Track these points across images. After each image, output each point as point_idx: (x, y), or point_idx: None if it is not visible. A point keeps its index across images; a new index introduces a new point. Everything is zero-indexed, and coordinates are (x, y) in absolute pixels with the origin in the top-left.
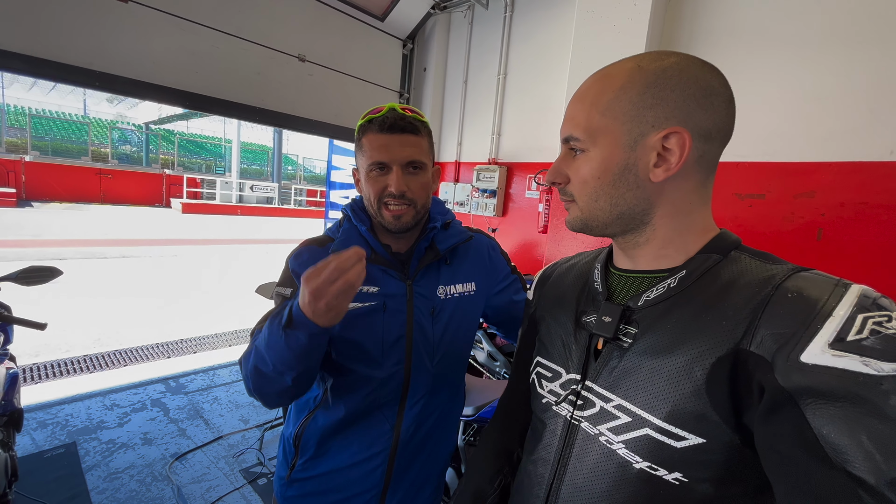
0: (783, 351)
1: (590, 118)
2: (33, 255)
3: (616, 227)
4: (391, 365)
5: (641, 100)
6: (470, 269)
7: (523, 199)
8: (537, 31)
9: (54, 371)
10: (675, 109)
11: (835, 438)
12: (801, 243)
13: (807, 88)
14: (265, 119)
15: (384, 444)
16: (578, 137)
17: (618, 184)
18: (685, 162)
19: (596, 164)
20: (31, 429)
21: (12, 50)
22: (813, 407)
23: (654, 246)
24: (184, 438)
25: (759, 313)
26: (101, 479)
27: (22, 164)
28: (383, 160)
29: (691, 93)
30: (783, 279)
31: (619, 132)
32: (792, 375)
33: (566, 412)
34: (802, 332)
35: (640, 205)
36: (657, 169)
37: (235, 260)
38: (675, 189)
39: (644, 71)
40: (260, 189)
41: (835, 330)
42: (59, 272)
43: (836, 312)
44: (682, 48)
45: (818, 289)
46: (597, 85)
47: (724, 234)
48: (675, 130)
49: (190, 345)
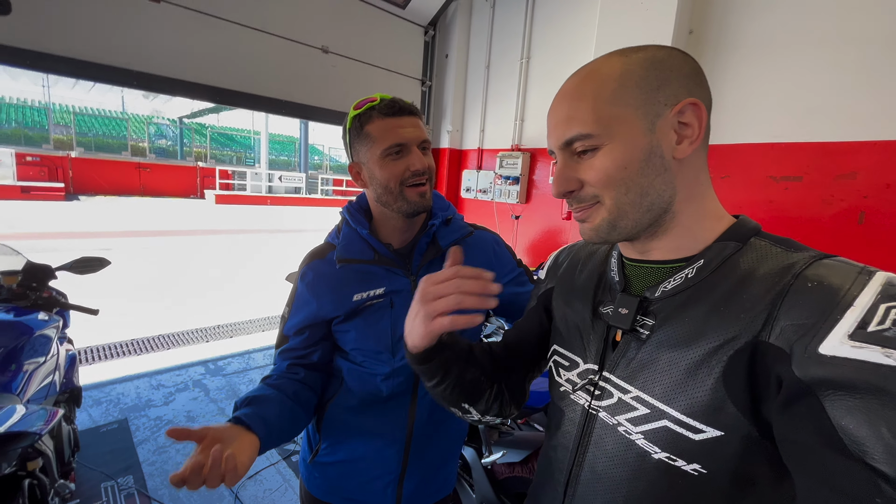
0: (801, 342)
1: (598, 111)
2: (83, 246)
3: (646, 220)
4: (400, 358)
5: (646, 83)
6: (474, 263)
7: (547, 186)
8: (561, 11)
9: (106, 353)
10: (680, 86)
11: (854, 430)
12: (841, 228)
13: (849, 62)
14: (291, 111)
15: (400, 432)
16: (590, 134)
17: (646, 171)
18: (703, 133)
19: (618, 154)
20: (88, 406)
21: (58, 54)
22: (832, 399)
23: (671, 236)
24: (223, 417)
25: (779, 303)
26: (150, 453)
27: (69, 160)
28: (401, 141)
29: (686, 72)
30: (804, 267)
31: (634, 118)
32: (810, 367)
33: (584, 401)
34: (822, 322)
35: (667, 190)
36: (680, 146)
37: (266, 248)
38: (689, 169)
39: (634, 59)
40: (288, 179)
41: (856, 320)
42: (107, 262)
43: (858, 302)
44: (715, 23)
45: (840, 277)
46: (588, 82)
47: (744, 220)
48: (691, 102)
49: (226, 330)
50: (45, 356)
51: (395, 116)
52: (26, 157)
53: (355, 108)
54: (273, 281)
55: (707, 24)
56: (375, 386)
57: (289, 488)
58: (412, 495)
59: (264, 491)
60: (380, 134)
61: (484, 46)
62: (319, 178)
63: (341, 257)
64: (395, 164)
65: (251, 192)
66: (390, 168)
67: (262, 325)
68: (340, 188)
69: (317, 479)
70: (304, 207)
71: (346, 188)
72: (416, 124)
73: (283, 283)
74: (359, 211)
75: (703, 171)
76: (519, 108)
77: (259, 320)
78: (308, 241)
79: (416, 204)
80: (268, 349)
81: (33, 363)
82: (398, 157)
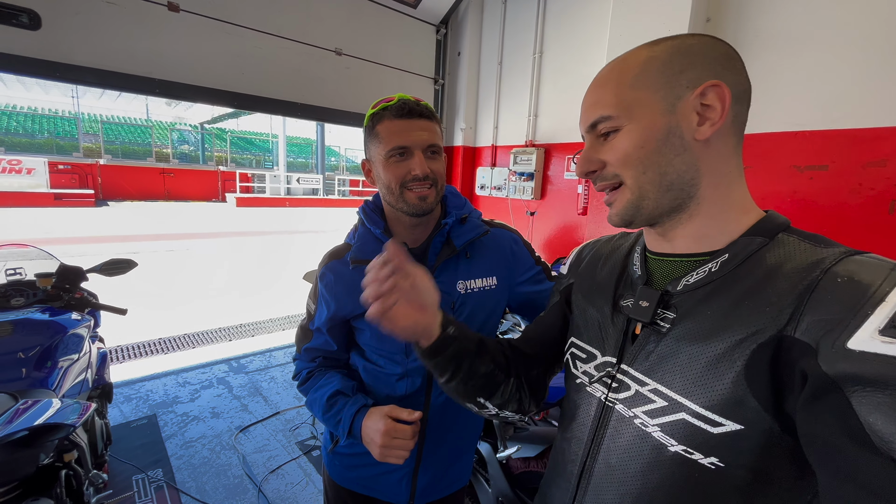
0: (829, 337)
1: (619, 94)
2: (112, 249)
3: (667, 201)
4: (414, 359)
5: (670, 67)
6: (490, 263)
7: (562, 181)
8: (573, 4)
9: (135, 352)
10: (705, 70)
11: (881, 427)
12: (870, 217)
13: (875, 46)
14: (307, 114)
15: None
16: (610, 115)
17: (663, 150)
18: (726, 116)
19: (636, 134)
20: (119, 402)
21: (85, 65)
22: (860, 395)
23: (696, 224)
24: (246, 413)
25: (806, 299)
26: (178, 447)
27: (97, 167)
28: (405, 144)
29: (715, 56)
30: (833, 263)
31: (654, 99)
32: (837, 362)
33: (600, 394)
34: (851, 317)
35: (689, 171)
36: (701, 127)
37: (285, 249)
38: (715, 153)
39: (661, 47)
40: (306, 181)
41: (887, 316)
42: (134, 264)
43: (891, 298)
44: (733, 11)
45: (871, 273)
46: (615, 69)
47: (772, 215)
48: (714, 84)
49: (248, 329)
50: (78, 353)
51: (404, 118)
52: (58, 166)
53: (373, 106)
54: (292, 280)
55: (725, 12)
56: (390, 386)
57: (310, 482)
58: (426, 487)
59: (286, 485)
60: (387, 135)
61: (496, 43)
62: (336, 179)
63: (355, 258)
64: (397, 166)
65: (270, 195)
66: (393, 170)
67: (283, 324)
68: (357, 189)
69: (337, 467)
70: (322, 208)
71: (362, 188)
72: (425, 128)
73: (301, 283)
74: (374, 210)
75: (734, 158)
76: (532, 104)
77: (280, 319)
78: (326, 241)
79: (415, 207)
80: (288, 347)
81: (67, 360)
82: (401, 160)
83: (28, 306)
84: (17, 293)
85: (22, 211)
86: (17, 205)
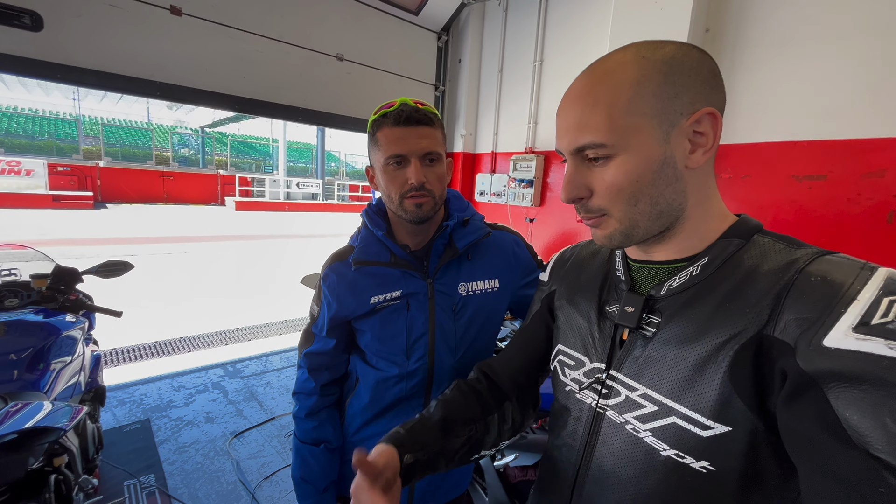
0: (806, 335)
1: (612, 121)
2: (109, 251)
3: (656, 228)
4: (414, 361)
5: (663, 91)
6: (492, 265)
7: (561, 188)
8: (574, 13)
9: (129, 355)
10: (698, 93)
11: (857, 422)
12: (868, 227)
13: (875, 56)
14: (307, 118)
15: None
16: (604, 143)
17: (657, 182)
18: (717, 142)
19: (632, 166)
20: (112, 406)
21: (86, 67)
22: (836, 390)
23: (679, 238)
24: (241, 418)
25: (783, 298)
26: (171, 452)
27: (97, 169)
28: (401, 153)
29: (703, 76)
30: (807, 263)
31: (650, 128)
32: (814, 360)
33: (591, 400)
34: (826, 315)
35: (678, 198)
36: (693, 155)
37: (283, 253)
38: (700, 174)
39: (651, 61)
40: (305, 186)
41: (859, 313)
42: (131, 266)
43: (862, 296)
44: (732, 20)
45: (843, 272)
46: (602, 84)
47: (745, 218)
48: (709, 112)
49: (245, 333)
50: (71, 356)
51: (402, 126)
52: (57, 168)
53: (375, 112)
54: (289, 285)
55: (724, 21)
56: (389, 389)
57: None
58: (424, 493)
59: (280, 492)
60: (385, 142)
61: (497, 50)
62: (336, 184)
63: (357, 259)
64: (395, 173)
65: (270, 199)
66: (390, 177)
67: (280, 329)
68: (356, 194)
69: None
70: (321, 213)
71: (361, 194)
72: (425, 135)
73: (299, 288)
74: (377, 213)
75: (711, 172)
76: (532, 111)
77: (276, 324)
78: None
79: (413, 214)
80: (284, 352)
81: (60, 362)
82: (399, 168)
83: (22, 307)
84: (12, 294)
85: (20, 212)
86: (16, 206)
